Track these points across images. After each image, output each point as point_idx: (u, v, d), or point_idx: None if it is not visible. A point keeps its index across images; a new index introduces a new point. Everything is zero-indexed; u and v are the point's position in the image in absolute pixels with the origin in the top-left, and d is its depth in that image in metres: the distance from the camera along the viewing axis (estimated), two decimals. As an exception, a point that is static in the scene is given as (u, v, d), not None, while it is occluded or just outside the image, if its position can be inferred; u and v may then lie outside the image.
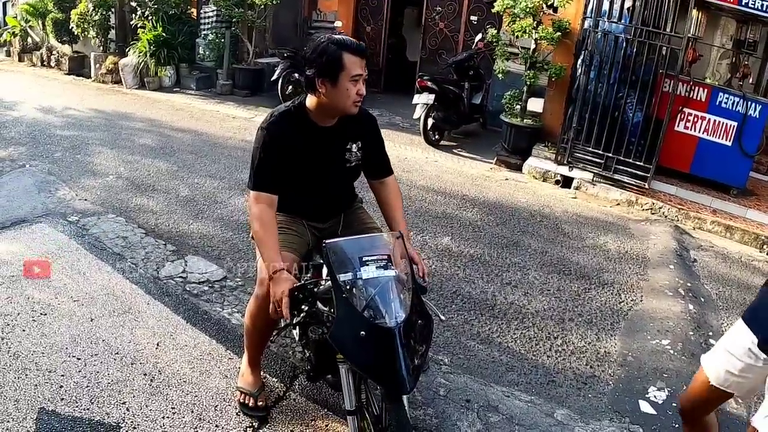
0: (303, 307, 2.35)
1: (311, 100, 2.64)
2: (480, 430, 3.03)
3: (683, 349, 3.93)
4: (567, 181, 7.39)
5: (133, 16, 10.87)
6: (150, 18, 10.59)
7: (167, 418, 2.84)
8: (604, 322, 4.29)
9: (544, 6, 7.58)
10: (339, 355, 2.32)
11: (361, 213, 3.08)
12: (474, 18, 10.42)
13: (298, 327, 2.82)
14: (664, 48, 6.90)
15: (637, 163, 7.03)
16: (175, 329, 3.54)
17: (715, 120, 7.17)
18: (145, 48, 10.39)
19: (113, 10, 11.40)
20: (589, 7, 7.20)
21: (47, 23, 12.23)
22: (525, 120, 8.05)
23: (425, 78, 8.38)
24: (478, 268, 4.88)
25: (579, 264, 5.19)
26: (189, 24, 11.09)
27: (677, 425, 3.16)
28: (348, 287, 2.21)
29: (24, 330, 3.38)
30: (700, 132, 7.26)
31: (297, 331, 2.99)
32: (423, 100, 8.24)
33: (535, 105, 8.25)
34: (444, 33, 10.81)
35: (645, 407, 3.36)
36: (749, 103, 7.01)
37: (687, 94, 7.23)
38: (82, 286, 3.88)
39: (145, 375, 3.11)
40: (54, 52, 12.87)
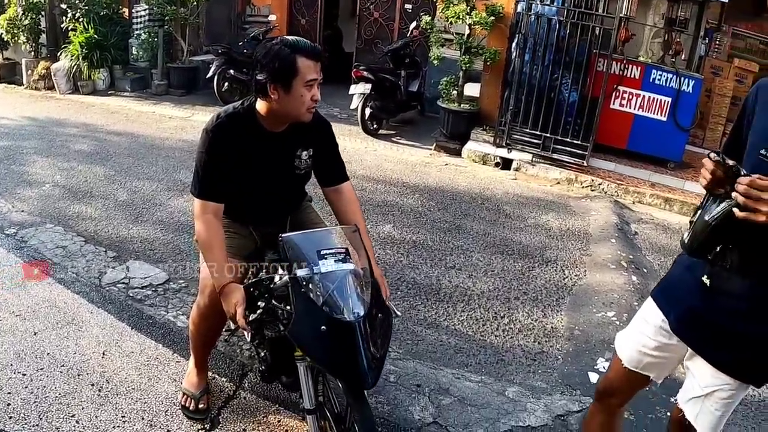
0: (259, 304, 2.27)
1: (262, 104, 2.45)
2: (432, 413, 2.99)
3: (629, 320, 3.83)
4: (506, 163, 7.40)
5: (64, 18, 10.40)
6: (81, 20, 10.15)
7: (117, 427, 2.77)
8: (549, 298, 4.29)
9: (477, -9, 7.57)
10: (297, 353, 2.28)
11: (310, 212, 2.96)
12: (408, 6, 10.34)
13: (250, 326, 2.70)
14: (597, 29, 6.98)
15: (575, 142, 7.09)
16: (121, 336, 3.45)
17: (650, 96, 7.29)
18: (77, 51, 9.95)
19: (43, 13, 10.87)
20: (522, -9, 7.20)
21: (-27, 31, 11.57)
22: (462, 105, 8.04)
23: (361, 68, 8.26)
24: (421, 253, 4.81)
25: (522, 243, 5.17)
26: (121, 24, 10.70)
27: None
28: (305, 282, 2.13)
29: (-34, 350, 3.19)
30: (635, 109, 7.37)
31: (249, 333, 2.86)
32: (359, 90, 8.12)
33: (472, 90, 8.25)
34: (379, 22, 10.71)
35: (594, 379, 3.35)
36: (682, 79, 7.15)
37: (621, 72, 7.32)
38: (23, 299, 3.73)
39: (93, 385, 3.02)
40: (-18, 60, 12.18)
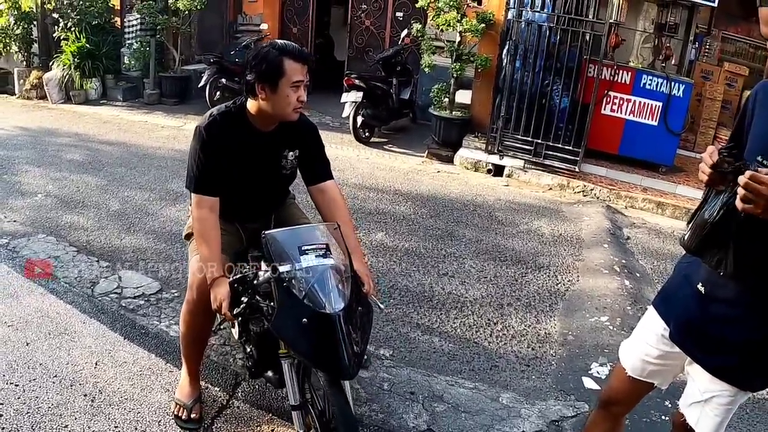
0: (243, 299, 2.31)
1: (252, 104, 2.58)
2: (427, 420, 2.98)
3: (622, 324, 3.94)
4: (498, 170, 7.40)
5: (56, 28, 10.38)
6: (73, 29, 10.13)
7: (111, 437, 2.74)
8: (542, 304, 4.28)
9: (467, -1, 7.60)
10: (281, 350, 2.36)
11: (294, 209, 3.06)
12: (399, 14, 10.36)
13: (237, 324, 2.77)
14: (587, 34, 7.01)
15: (567, 148, 7.11)
16: (113, 346, 3.42)
17: (641, 101, 7.32)
18: (69, 60, 9.94)
19: (35, 22, 10.85)
20: (512, -2, 7.23)
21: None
22: (454, 112, 8.06)
23: (352, 76, 8.27)
24: (413, 261, 4.80)
25: (515, 250, 5.17)
26: (113, 34, 10.69)
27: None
28: (288, 277, 2.20)
29: (-42, 361, 3.16)
30: (626, 114, 7.40)
31: (236, 329, 2.92)
32: (351, 98, 8.13)
33: (464, 97, 8.27)
34: (370, 30, 10.72)
35: (589, 383, 3.35)
36: (673, 84, 7.18)
37: (612, 78, 7.34)
38: (15, 310, 3.70)
39: (86, 396, 3.00)
40: (-25, 70, 12.14)
